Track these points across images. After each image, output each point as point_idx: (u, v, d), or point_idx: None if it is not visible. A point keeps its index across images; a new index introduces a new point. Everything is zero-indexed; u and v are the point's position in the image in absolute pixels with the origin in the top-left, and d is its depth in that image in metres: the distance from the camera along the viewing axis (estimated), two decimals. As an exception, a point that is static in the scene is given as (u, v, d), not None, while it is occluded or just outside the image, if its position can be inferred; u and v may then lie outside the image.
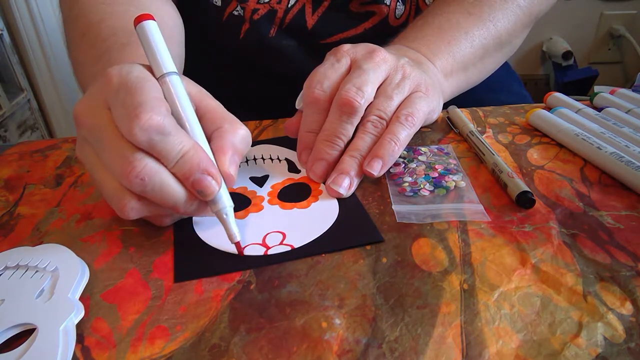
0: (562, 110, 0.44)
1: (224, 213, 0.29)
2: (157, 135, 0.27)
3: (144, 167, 0.27)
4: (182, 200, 0.28)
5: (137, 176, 0.26)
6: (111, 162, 0.28)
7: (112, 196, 0.28)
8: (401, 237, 0.30)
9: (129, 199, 0.28)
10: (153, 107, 0.27)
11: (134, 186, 0.27)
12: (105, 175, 0.28)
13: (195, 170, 0.28)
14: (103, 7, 0.42)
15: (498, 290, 0.26)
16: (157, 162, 0.27)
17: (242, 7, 0.52)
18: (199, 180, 0.28)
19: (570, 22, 1.79)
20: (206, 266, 0.29)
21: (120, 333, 0.24)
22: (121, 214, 0.28)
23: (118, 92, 0.27)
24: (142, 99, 0.27)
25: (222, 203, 0.29)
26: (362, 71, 0.36)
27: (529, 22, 0.52)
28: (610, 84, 1.59)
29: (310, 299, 0.26)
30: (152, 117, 0.26)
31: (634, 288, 0.26)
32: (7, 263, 0.28)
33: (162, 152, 0.27)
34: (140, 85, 0.27)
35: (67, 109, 1.33)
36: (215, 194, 0.28)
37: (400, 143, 0.35)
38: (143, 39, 0.30)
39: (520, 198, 0.32)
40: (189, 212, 0.30)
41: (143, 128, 0.26)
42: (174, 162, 0.28)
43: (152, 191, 0.27)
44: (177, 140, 0.27)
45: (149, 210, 0.29)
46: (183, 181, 0.28)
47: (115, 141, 0.27)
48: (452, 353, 0.23)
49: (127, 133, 0.27)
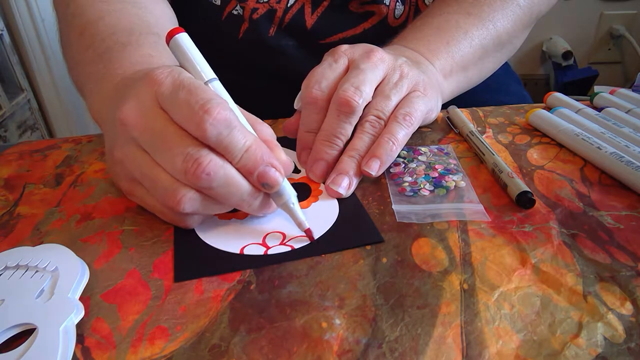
0: (562, 110, 0.44)
1: (290, 203, 0.30)
2: (225, 129, 0.27)
3: (209, 162, 0.27)
4: (247, 195, 0.29)
5: (203, 171, 0.27)
6: (172, 161, 0.28)
7: (167, 189, 0.28)
8: (401, 237, 0.30)
9: (187, 190, 0.28)
10: (220, 103, 0.27)
11: (201, 182, 0.27)
12: (159, 171, 0.28)
13: (259, 163, 0.28)
14: (100, 5, 0.42)
15: (498, 290, 0.26)
16: (221, 158, 0.28)
17: (241, 6, 0.52)
18: (264, 172, 0.28)
19: (570, 22, 1.79)
20: (206, 266, 0.29)
21: (120, 333, 0.24)
22: (176, 206, 0.28)
23: (177, 93, 0.28)
24: (207, 96, 0.27)
25: (287, 194, 0.30)
26: (359, 71, 0.36)
27: (529, 22, 0.52)
28: (610, 84, 1.59)
29: (310, 299, 0.26)
30: (221, 112, 0.27)
31: (634, 288, 0.26)
32: (7, 263, 0.28)
33: (229, 146, 0.28)
34: (199, 84, 0.28)
35: (67, 109, 1.33)
36: (280, 185, 0.29)
37: (399, 143, 0.35)
38: (179, 51, 0.30)
39: (520, 198, 0.32)
40: (253, 208, 0.30)
41: (214, 123, 0.26)
42: (240, 156, 0.28)
43: (217, 187, 0.28)
44: (242, 134, 0.28)
45: (204, 205, 0.29)
46: (247, 176, 0.29)
47: (178, 140, 0.27)
48: (452, 353, 0.23)
49: (195, 129, 0.27)
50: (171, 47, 0.31)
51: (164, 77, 0.28)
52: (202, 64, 0.30)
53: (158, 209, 0.31)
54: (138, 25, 0.40)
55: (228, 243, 0.30)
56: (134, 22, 0.40)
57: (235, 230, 0.32)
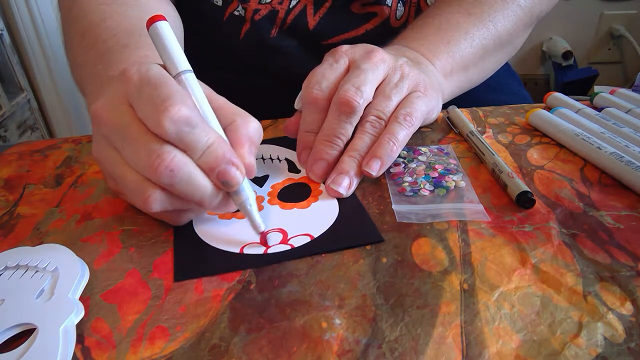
0: (562, 110, 0.44)
1: (247, 204, 0.30)
2: (186, 127, 0.27)
3: (172, 158, 0.27)
4: (208, 193, 0.29)
5: (166, 167, 0.27)
6: (137, 157, 0.28)
7: (135, 189, 0.28)
8: (401, 237, 0.30)
9: (153, 190, 0.28)
10: (181, 100, 0.27)
11: (163, 178, 0.27)
12: (128, 170, 0.28)
13: (220, 161, 0.28)
14: (103, 8, 0.42)
15: (498, 290, 0.26)
16: (184, 155, 0.28)
17: (243, 7, 0.52)
18: (224, 171, 0.28)
19: (570, 22, 1.79)
20: (206, 266, 0.29)
21: (120, 333, 0.24)
22: (144, 206, 0.28)
23: (141, 89, 0.28)
24: (168, 92, 0.27)
25: (245, 194, 0.30)
26: (360, 71, 0.36)
27: (530, 22, 0.52)
28: (610, 84, 1.59)
29: (310, 299, 0.26)
30: (182, 109, 0.27)
31: (634, 288, 0.26)
32: (7, 263, 0.28)
33: (190, 144, 0.27)
34: (164, 80, 0.28)
35: (67, 109, 1.33)
36: (240, 184, 0.29)
37: (399, 143, 0.35)
38: (157, 39, 0.30)
39: (520, 198, 0.32)
40: (213, 206, 0.30)
41: (173, 120, 0.26)
42: (200, 154, 0.28)
43: (179, 183, 0.28)
44: (204, 132, 0.28)
45: (171, 203, 0.29)
46: (208, 173, 0.29)
47: (141, 136, 0.27)
48: (452, 353, 0.23)
49: (155, 126, 0.27)
50: (150, 34, 0.31)
51: (132, 73, 0.28)
52: (178, 54, 0.30)
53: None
54: (138, 26, 0.40)
55: (228, 243, 0.30)
56: (135, 23, 0.40)
57: (235, 230, 0.32)
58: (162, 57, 0.30)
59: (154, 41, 0.31)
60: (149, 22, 0.30)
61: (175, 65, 0.30)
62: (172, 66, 0.30)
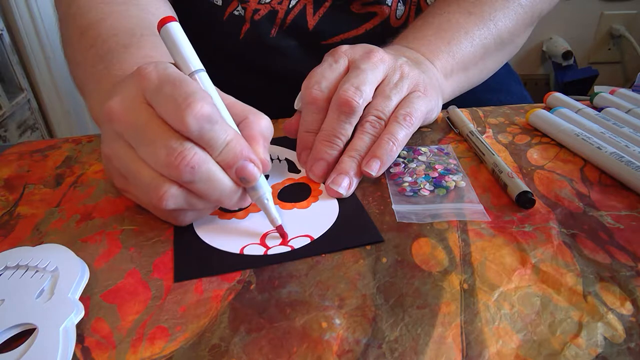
0: (562, 110, 0.44)
1: (264, 198, 0.30)
2: (207, 124, 0.27)
3: (193, 155, 0.27)
4: (227, 190, 0.29)
5: (187, 164, 0.27)
6: (155, 155, 0.28)
7: (150, 185, 0.28)
8: (401, 237, 0.30)
9: (169, 187, 0.28)
10: (203, 97, 0.27)
11: (184, 175, 0.27)
12: (143, 167, 0.28)
13: (239, 158, 0.28)
14: (102, 7, 0.42)
15: (498, 290, 0.26)
16: (204, 152, 0.28)
17: (243, 7, 0.52)
18: (242, 167, 0.29)
19: (570, 22, 1.79)
20: (206, 266, 0.29)
21: (120, 333, 0.24)
22: (159, 203, 0.28)
23: (161, 86, 0.28)
24: (190, 90, 0.27)
25: (262, 189, 0.30)
26: (360, 71, 0.36)
27: (531, 22, 0.52)
28: (610, 84, 1.59)
29: (310, 299, 0.26)
30: (204, 107, 0.27)
31: (634, 288, 0.26)
32: (7, 263, 0.28)
33: (211, 140, 0.28)
34: (183, 78, 0.28)
35: (67, 109, 1.33)
36: (257, 180, 0.30)
37: (399, 143, 0.35)
38: (169, 40, 0.30)
39: (520, 198, 0.32)
40: (232, 203, 0.30)
41: (196, 117, 0.26)
42: (220, 150, 0.28)
43: (200, 180, 0.28)
44: (223, 129, 0.28)
45: (186, 200, 0.29)
46: (227, 169, 0.29)
47: (161, 133, 0.27)
48: (452, 353, 0.23)
49: (178, 123, 0.27)
50: (162, 35, 0.31)
51: (150, 71, 0.28)
52: (190, 54, 0.30)
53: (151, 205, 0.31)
54: (139, 26, 0.40)
55: (228, 243, 0.30)
56: (135, 23, 0.40)
57: (235, 230, 0.32)
58: (175, 57, 0.30)
59: (165, 42, 0.31)
60: (160, 23, 0.30)
61: (188, 65, 0.30)
62: (185, 66, 0.30)
